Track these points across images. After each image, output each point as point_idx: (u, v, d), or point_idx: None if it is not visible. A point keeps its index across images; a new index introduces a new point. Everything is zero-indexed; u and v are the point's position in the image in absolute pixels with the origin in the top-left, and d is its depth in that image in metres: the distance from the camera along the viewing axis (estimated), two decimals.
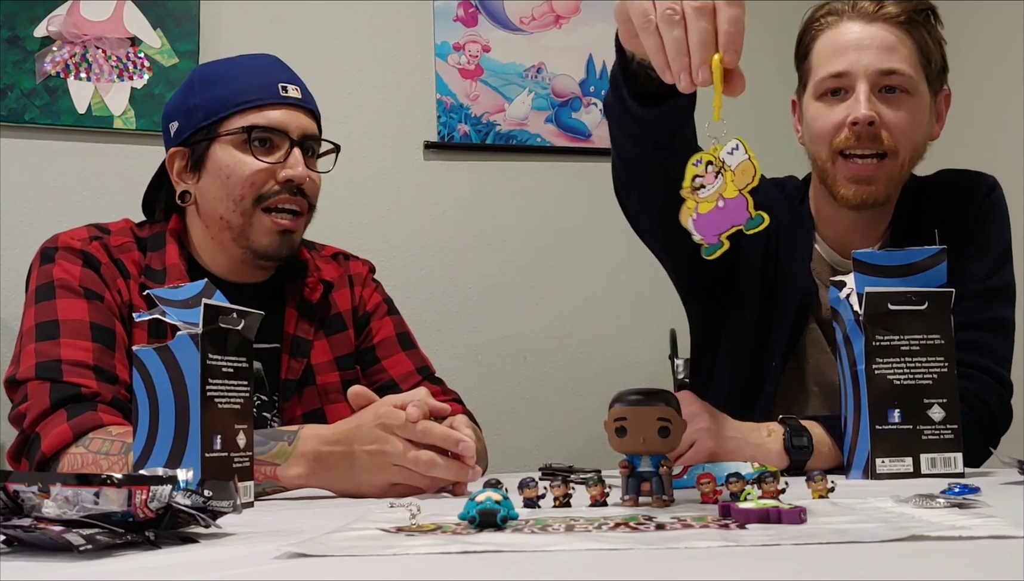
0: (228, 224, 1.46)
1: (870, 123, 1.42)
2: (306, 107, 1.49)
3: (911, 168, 1.50)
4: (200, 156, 1.46)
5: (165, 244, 1.49)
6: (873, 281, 1.21)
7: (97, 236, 1.46)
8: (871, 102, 1.42)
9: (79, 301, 1.38)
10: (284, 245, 1.47)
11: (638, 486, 0.92)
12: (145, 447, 1.00)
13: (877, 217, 1.54)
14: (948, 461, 1.18)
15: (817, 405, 1.54)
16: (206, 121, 1.45)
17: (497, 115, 2.48)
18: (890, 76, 1.43)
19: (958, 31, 2.64)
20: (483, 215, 2.47)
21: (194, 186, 1.48)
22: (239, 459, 1.03)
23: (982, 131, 2.55)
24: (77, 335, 1.35)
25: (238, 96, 1.45)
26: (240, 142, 1.44)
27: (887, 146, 1.44)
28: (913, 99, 1.45)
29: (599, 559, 0.63)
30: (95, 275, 1.41)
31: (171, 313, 1.02)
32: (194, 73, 1.53)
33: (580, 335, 2.52)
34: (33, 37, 2.14)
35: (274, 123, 1.45)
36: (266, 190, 1.44)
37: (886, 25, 1.44)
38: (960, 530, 0.67)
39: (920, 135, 1.47)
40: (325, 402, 1.53)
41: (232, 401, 1.02)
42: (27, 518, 0.69)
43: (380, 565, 0.64)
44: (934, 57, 1.47)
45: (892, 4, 1.45)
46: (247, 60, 1.53)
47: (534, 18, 2.52)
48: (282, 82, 1.47)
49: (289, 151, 1.45)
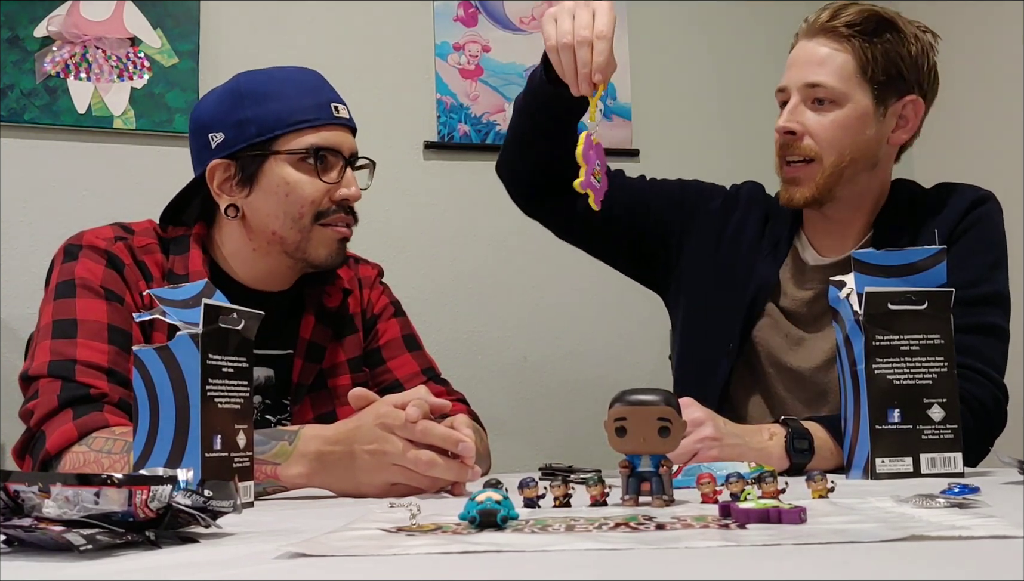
0: (282, 239, 1.47)
1: (791, 133, 1.56)
2: (352, 126, 1.52)
3: (852, 169, 1.56)
4: (253, 172, 1.46)
5: (189, 249, 1.48)
6: (873, 281, 1.21)
7: (122, 237, 1.46)
8: (795, 113, 1.56)
9: (99, 302, 1.38)
10: (340, 254, 1.50)
11: (638, 486, 0.92)
12: (145, 447, 1.00)
13: (847, 219, 1.62)
14: (948, 461, 1.18)
15: (770, 385, 1.62)
16: (260, 137, 1.45)
17: (497, 115, 2.48)
18: (815, 88, 1.55)
19: (958, 31, 2.65)
20: (483, 215, 2.46)
21: (242, 200, 1.47)
22: (239, 459, 1.03)
23: (982, 132, 2.56)
24: (94, 336, 1.35)
25: (294, 115, 1.45)
26: (298, 162, 1.45)
27: (810, 153, 1.55)
28: (842, 109, 1.55)
29: (599, 559, 0.64)
30: (117, 277, 1.41)
31: (171, 313, 1.03)
32: (241, 84, 1.49)
33: (580, 335, 2.52)
34: (33, 37, 2.14)
35: (331, 144, 1.46)
36: (323, 208, 1.46)
37: (824, 39, 1.56)
38: (960, 530, 0.67)
39: (851, 141, 1.55)
40: (337, 405, 1.53)
41: (232, 401, 1.02)
42: (27, 518, 0.69)
43: (380, 565, 0.64)
44: (878, 67, 1.54)
45: (835, 19, 1.56)
46: (296, 75, 1.52)
47: (534, 18, 2.52)
48: (333, 101, 1.49)
49: (343, 170, 1.48)
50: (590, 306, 2.52)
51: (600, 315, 2.53)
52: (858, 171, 1.57)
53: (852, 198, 1.60)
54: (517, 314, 2.47)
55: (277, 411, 1.52)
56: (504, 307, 2.47)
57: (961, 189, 1.62)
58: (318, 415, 1.52)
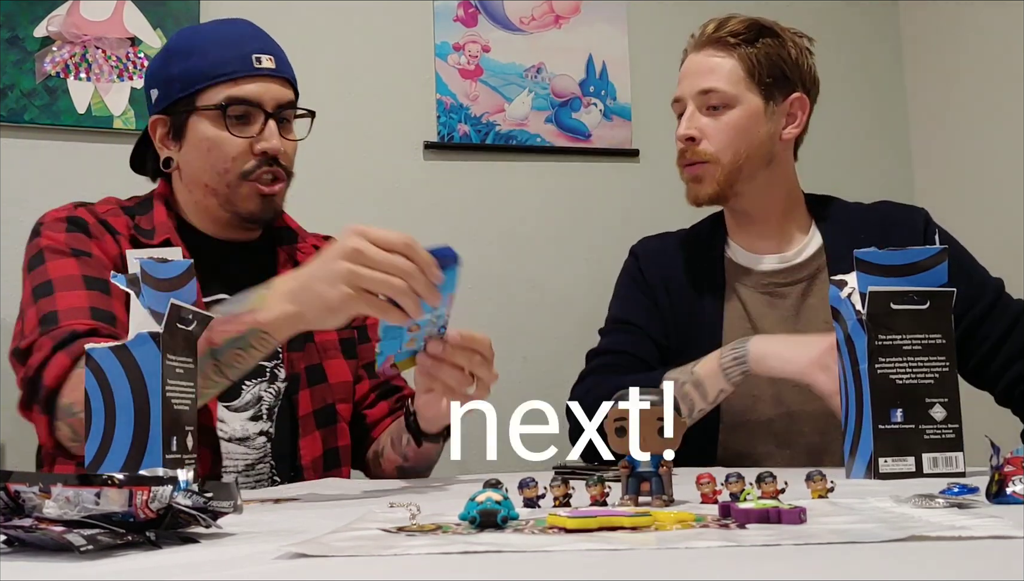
0: (213, 191, 1.51)
1: (691, 140, 1.66)
2: (280, 76, 1.52)
3: (750, 166, 1.66)
4: (180, 126, 1.51)
5: (153, 207, 1.53)
6: (875, 280, 1.21)
7: (82, 204, 1.51)
8: (692, 120, 1.67)
9: (68, 259, 1.41)
10: (268, 208, 1.52)
11: (638, 486, 0.92)
12: (100, 448, 0.96)
13: (761, 215, 1.71)
14: (950, 460, 1.18)
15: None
16: (183, 93, 1.49)
17: (497, 115, 2.48)
18: (708, 95, 1.66)
19: (960, 31, 2.65)
20: (483, 215, 2.46)
21: (177, 154, 1.52)
22: (188, 460, 1.01)
23: (982, 131, 2.56)
24: (70, 287, 1.37)
25: (213, 68, 1.48)
26: (217, 117, 1.47)
27: (707, 155, 1.66)
28: (734, 110, 1.65)
29: (599, 559, 0.64)
30: (82, 235, 1.44)
31: (146, 294, 1.00)
32: (171, 40, 1.57)
33: (580, 335, 2.51)
34: (33, 37, 2.14)
35: (249, 96, 1.48)
36: (247, 167, 1.49)
37: (712, 49, 1.67)
38: (960, 530, 0.67)
39: (745, 140, 1.65)
40: (323, 358, 1.57)
41: (183, 402, 1.01)
42: (28, 518, 0.69)
43: (380, 565, 0.64)
44: (763, 69, 1.65)
45: (720, 30, 1.67)
46: (222, 28, 1.55)
47: (534, 18, 2.52)
48: (255, 52, 1.50)
49: (264, 124, 1.48)
50: (590, 306, 2.52)
51: (600, 315, 2.53)
52: (756, 167, 1.67)
53: (756, 194, 1.69)
54: (517, 314, 2.47)
55: (270, 357, 1.51)
56: (504, 307, 2.47)
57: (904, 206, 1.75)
58: (307, 365, 1.55)
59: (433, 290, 1.15)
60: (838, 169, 2.57)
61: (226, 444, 1.48)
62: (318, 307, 1.16)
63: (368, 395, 1.64)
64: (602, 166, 2.56)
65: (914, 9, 2.79)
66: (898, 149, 2.78)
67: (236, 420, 1.50)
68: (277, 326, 1.19)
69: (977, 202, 2.51)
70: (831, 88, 1.79)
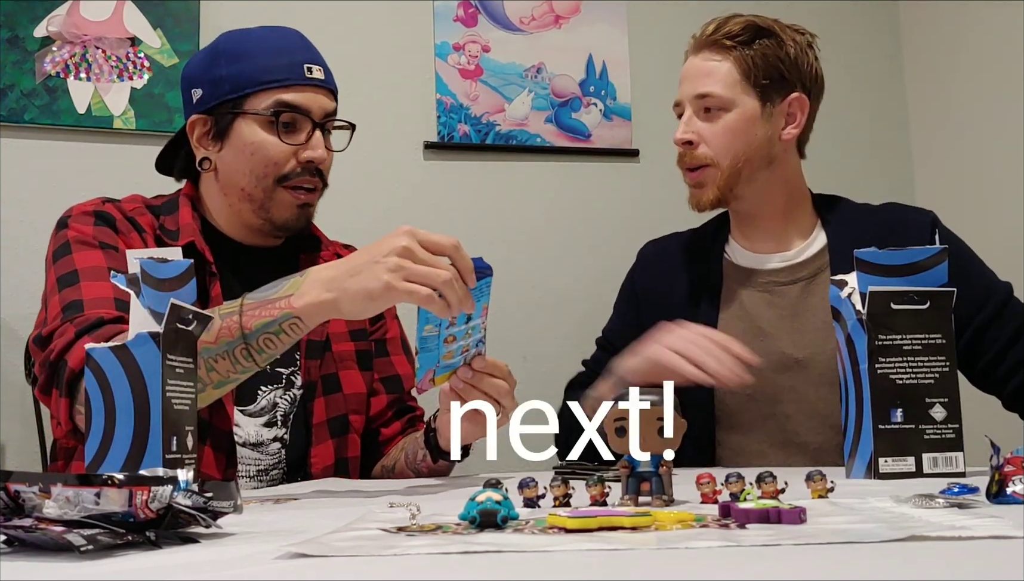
0: (249, 196, 1.52)
1: (689, 143, 1.67)
2: (327, 87, 1.54)
3: (749, 168, 1.66)
4: (224, 128, 1.51)
5: (178, 208, 1.54)
6: (875, 280, 1.21)
7: (110, 201, 1.51)
8: (689, 124, 1.67)
9: (95, 251, 1.42)
10: (302, 218, 1.54)
11: (638, 486, 0.92)
12: (100, 448, 0.96)
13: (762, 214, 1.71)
14: (950, 460, 1.18)
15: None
16: (232, 95, 1.49)
17: (497, 115, 2.48)
18: (704, 99, 1.66)
19: (960, 31, 2.65)
20: (483, 215, 2.46)
21: (215, 155, 1.53)
22: (188, 460, 1.01)
23: (982, 131, 2.55)
24: (96, 278, 1.38)
25: (265, 74, 1.49)
26: (264, 121, 1.49)
27: (706, 159, 1.66)
28: (731, 113, 1.65)
29: (599, 559, 0.63)
30: (109, 230, 1.45)
31: (146, 294, 1.00)
32: (220, 41, 1.56)
33: (580, 335, 2.51)
34: (33, 37, 2.14)
35: (299, 104, 1.49)
36: (288, 170, 1.50)
37: (708, 52, 1.67)
38: (960, 530, 0.67)
39: (742, 143, 1.65)
40: (340, 368, 1.58)
41: (183, 402, 1.01)
42: (28, 518, 0.69)
43: (380, 565, 0.64)
44: (760, 71, 1.65)
45: (716, 32, 1.67)
46: (273, 34, 1.56)
47: (534, 18, 2.52)
48: (307, 62, 1.52)
49: (311, 133, 1.50)
50: (590, 306, 2.52)
51: (600, 315, 2.53)
52: (755, 169, 1.67)
53: (757, 195, 1.69)
54: (517, 314, 2.47)
55: (288, 363, 1.53)
56: (504, 307, 2.46)
57: (912, 208, 1.75)
58: (323, 374, 1.55)
59: (469, 296, 1.15)
60: (838, 169, 2.56)
61: (240, 449, 1.48)
62: (357, 295, 1.16)
63: (385, 412, 1.65)
64: (602, 166, 2.56)
65: (914, 9, 2.79)
66: (898, 149, 2.78)
67: (251, 425, 1.50)
68: (310, 312, 1.20)
69: (977, 202, 2.51)
70: (831, 88, 1.79)
